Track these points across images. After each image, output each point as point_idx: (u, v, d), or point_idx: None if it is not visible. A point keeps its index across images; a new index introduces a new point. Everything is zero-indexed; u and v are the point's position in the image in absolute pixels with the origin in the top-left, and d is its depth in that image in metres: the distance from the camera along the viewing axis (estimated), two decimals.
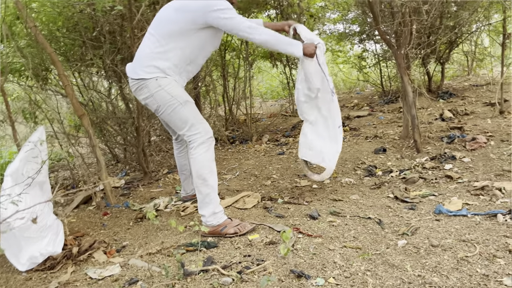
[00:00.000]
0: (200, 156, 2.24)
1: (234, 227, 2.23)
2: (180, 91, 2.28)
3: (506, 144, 3.38)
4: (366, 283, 1.61)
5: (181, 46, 2.24)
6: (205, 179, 2.24)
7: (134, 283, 1.82)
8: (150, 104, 2.30)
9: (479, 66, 7.44)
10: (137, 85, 2.27)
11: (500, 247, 1.77)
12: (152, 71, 2.22)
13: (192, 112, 2.29)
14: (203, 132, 2.27)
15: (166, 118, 2.33)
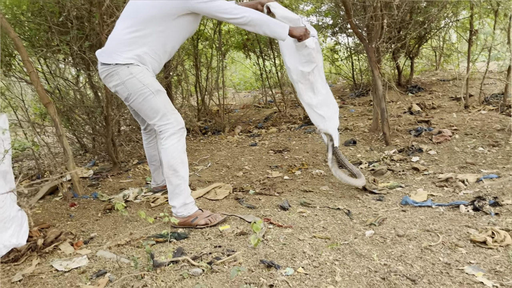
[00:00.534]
0: (171, 147, 2.19)
1: (205, 218, 2.22)
2: (152, 80, 2.22)
3: (470, 137, 3.51)
4: (334, 272, 1.64)
5: (158, 32, 2.18)
6: (176, 170, 2.20)
7: (102, 274, 1.78)
8: (121, 92, 2.24)
9: (446, 62, 7.65)
10: (107, 71, 2.20)
11: (462, 237, 1.84)
12: (129, 56, 2.16)
13: (164, 102, 2.23)
14: (175, 122, 2.22)
15: (136, 107, 2.26)
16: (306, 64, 2.51)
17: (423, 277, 1.56)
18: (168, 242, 2.03)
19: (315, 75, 2.57)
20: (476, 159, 2.95)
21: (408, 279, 1.55)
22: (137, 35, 2.17)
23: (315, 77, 2.58)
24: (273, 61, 5.91)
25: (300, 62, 2.51)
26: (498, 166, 2.73)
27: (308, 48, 2.41)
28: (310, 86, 2.60)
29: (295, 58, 2.53)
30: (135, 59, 2.18)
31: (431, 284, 1.52)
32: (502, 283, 1.48)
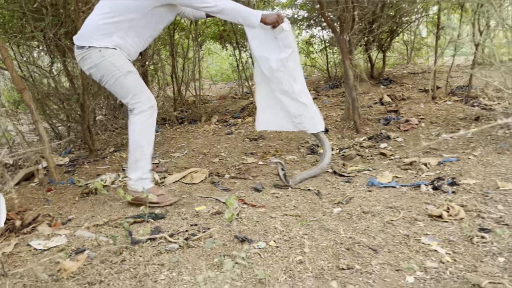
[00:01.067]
0: (140, 124, 2.30)
1: (158, 197, 2.31)
2: (123, 62, 2.30)
3: (434, 125, 3.70)
4: (303, 245, 1.76)
5: (134, 20, 2.26)
6: (140, 145, 2.32)
7: (81, 252, 1.84)
8: (94, 74, 2.33)
9: (416, 55, 7.91)
10: (82, 55, 2.29)
11: (421, 212, 1.99)
12: (103, 41, 2.24)
13: (135, 82, 2.33)
14: (146, 100, 2.32)
15: (110, 88, 2.37)
16: (284, 50, 2.48)
17: (384, 247, 1.70)
18: (146, 222, 2.10)
19: (293, 61, 2.56)
20: (439, 145, 3.12)
21: (370, 249, 1.68)
22: (112, 21, 2.25)
23: (294, 63, 2.57)
24: (250, 52, 5.99)
25: (278, 49, 2.49)
26: (459, 151, 2.91)
27: (285, 31, 2.44)
28: (290, 73, 2.55)
29: (272, 46, 2.51)
30: (110, 43, 2.26)
31: (390, 252, 1.65)
32: (454, 250, 1.63)
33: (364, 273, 1.52)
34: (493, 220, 1.83)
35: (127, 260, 1.74)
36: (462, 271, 1.48)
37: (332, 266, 1.59)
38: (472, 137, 3.18)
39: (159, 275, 1.60)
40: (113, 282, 1.58)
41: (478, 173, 2.40)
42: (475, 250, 1.61)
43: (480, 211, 1.92)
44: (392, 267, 1.55)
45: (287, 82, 2.56)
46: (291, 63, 2.53)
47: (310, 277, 1.52)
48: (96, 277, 1.61)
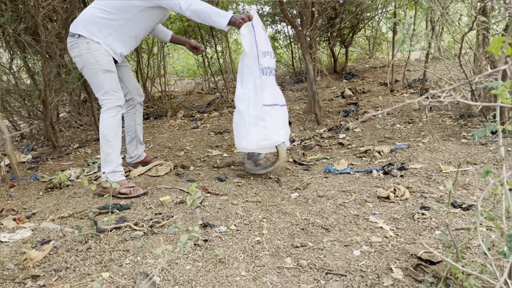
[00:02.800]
0: (106, 119, 2.45)
1: (127, 188, 2.43)
2: (105, 60, 2.44)
3: (390, 116, 3.91)
4: (262, 227, 1.88)
5: (126, 19, 2.43)
6: (108, 140, 2.46)
7: (47, 242, 1.89)
8: (77, 63, 2.48)
9: (378, 50, 8.20)
10: (71, 43, 2.44)
11: (371, 195, 2.15)
12: (93, 33, 2.40)
13: (110, 82, 2.47)
14: (114, 99, 2.48)
15: (88, 79, 2.51)
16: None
17: (335, 226, 1.84)
18: (111, 212, 2.16)
19: (242, 63, 2.47)
20: (394, 134, 3.32)
21: (323, 229, 1.82)
22: (105, 17, 2.41)
23: (242, 65, 2.47)
24: (215, 48, 6.06)
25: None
26: (410, 139, 3.11)
27: (241, 34, 2.38)
28: (239, 75, 2.50)
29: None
30: (99, 37, 2.42)
31: (341, 231, 1.79)
32: (398, 227, 1.79)
33: (316, 249, 1.65)
34: (434, 199, 2.01)
35: (93, 248, 1.80)
36: (403, 243, 1.64)
37: (287, 245, 1.71)
38: (423, 127, 3.40)
39: (124, 260, 1.68)
40: (79, 268, 1.64)
41: (424, 158, 2.59)
42: (415, 225, 1.78)
43: (424, 192, 2.09)
44: (342, 243, 1.69)
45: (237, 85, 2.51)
46: (240, 65, 2.47)
47: (266, 255, 1.64)
48: (62, 264, 1.67)
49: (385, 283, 1.39)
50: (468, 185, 2.12)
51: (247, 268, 1.56)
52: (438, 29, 4.60)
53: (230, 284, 1.46)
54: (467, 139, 2.89)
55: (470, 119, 3.32)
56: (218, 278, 1.50)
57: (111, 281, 1.53)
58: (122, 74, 2.73)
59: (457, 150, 2.67)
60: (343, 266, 1.52)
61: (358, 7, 6.20)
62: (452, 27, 3.37)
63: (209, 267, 1.58)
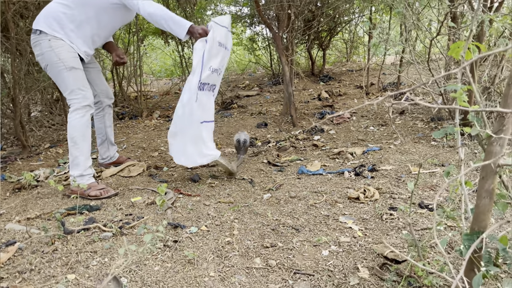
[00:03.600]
0: (74, 121, 2.37)
1: (97, 190, 2.38)
2: (69, 56, 2.35)
3: (364, 119, 3.97)
4: (233, 228, 1.87)
5: (89, 16, 2.37)
6: (76, 142, 2.38)
7: (12, 244, 1.84)
8: (40, 61, 2.39)
9: (355, 54, 8.32)
10: (33, 40, 2.36)
11: (341, 196, 2.17)
12: (56, 28, 2.32)
13: (75, 79, 2.37)
14: (81, 99, 2.38)
15: (53, 78, 2.42)
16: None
17: (306, 226, 1.85)
18: (79, 214, 2.12)
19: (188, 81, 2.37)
20: (367, 136, 3.37)
21: (293, 229, 1.83)
22: (67, 13, 2.34)
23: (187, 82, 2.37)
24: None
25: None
26: (383, 141, 3.16)
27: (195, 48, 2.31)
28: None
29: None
30: (60, 33, 2.34)
31: (311, 231, 1.81)
32: (366, 227, 1.82)
33: (286, 249, 1.66)
34: (402, 200, 2.05)
35: (59, 250, 1.76)
36: (370, 243, 1.66)
37: (257, 245, 1.71)
38: (395, 129, 3.46)
39: (91, 261, 1.65)
40: (44, 270, 1.60)
41: (395, 160, 2.64)
42: (383, 225, 1.81)
43: (393, 193, 2.14)
44: (311, 243, 1.70)
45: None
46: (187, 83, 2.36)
47: (236, 255, 1.64)
48: (27, 266, 1.63)
49: (352, 282, 1.41)
50: (435, 186, 2.18)
51: (216, 269, 1.55)
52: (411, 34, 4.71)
53: (199, 285, 1.46)
54: (436, 141, 2.96)
55: (440, 122, 3.40)
56: (187, 278, 1.49)
57: (77, 283, 1.50)
58: (90, 76, 2.62)
59: (426, 152, 2.73)
60: (311, 266, 1.53)
61: (335, 10, 6.30)
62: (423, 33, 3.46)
63: (178, 268, 1.57)
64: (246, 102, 5.46)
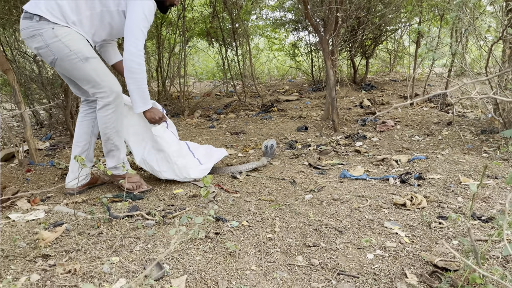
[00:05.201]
0: (104, 118, 2.17)
1: (131, 183, 2.31)
2: (80, 45, 2.04)
3: (409, 128, 3.85)
4: (274, 225, 1.85)
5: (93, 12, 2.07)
6: (110, 138, 2.24)
7: (59, 225, 1.90)
8: (45, 55, 2.05)
9: (399, 64, 8.14)
10: (30, 29, 1.96)
11: (386, 201, 2.11)
12: (54, 13, 1.97)
13: (95, 70, 2.09)
14: (108, 91, 2.12)
15: (66, 73, 2.13)
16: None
17: (349, 229, 1.80)
18: (124, 201, 2.16)
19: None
20: (412, 145, 3.27)
21: (336, 230, 1.79)
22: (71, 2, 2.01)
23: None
24: (236, 51, 6.08)
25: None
26: (429, 151, 3.05)
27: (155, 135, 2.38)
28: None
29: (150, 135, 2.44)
30: (67, 22, 2.01)
31: (355, 234, 1.76)
32: (413, 234, 1.75)
33: (329, 250, 1.62)
34: (452, 210, 1.96)
35: (104, 233, 1.80)
36: (418, 250, 1.60)
37: (299, 243, 1.68)
38: (442, 139, 3.34)
39: (135, 247, 1.67)
40: (89, 251, 1.64)
41: (443, 169, 2.54)
42: (432, 234, 1.73)
43: (441, 202, 2.05)
44: (355, 246, 1.65)
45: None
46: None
47: (278, 251, 1.62)
48: (73, 246, 1.67)
49: None
50: (488, 198, 2.07)
51: (257, 263, 1.53)
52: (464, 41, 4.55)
53: (240, 277, 1.44)
54: (488, 153, 2.83)
55: (491, 135, 3.25)
56: (228, 270, 1.49)
57: (121, 265, 1.52)
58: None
59: (477, 164, 2.61)
60: (356, 268, 1.49)
61: (382, 18, 6.19)
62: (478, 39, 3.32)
63: (219, 259, 1.56)
64: (286, 106, 5.44)
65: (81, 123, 2.37)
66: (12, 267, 1.52)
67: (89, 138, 2.37)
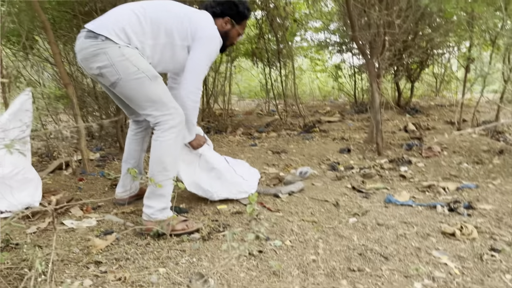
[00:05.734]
0: (167, 141, 1.96)
1: (182, 223, 2.00)
2: (147, 65, 1.96)
3: (457, 155, 3.73)
4: (317, 247, 1.84)
5: (156, 42, 2.02)
6: (166, 168, 1.97)
7: (110, 233, 1.98)
8: (108, 75, 1.92)
9: (445, 88, 7.92)
10: (96, 46, 1.88)
11: (434, 230, 2.04)
12: (122, 38, 1.91)
13: (163, 90, 2.00)
14: (175, 113, 1.98)
15: (128, 93, 1.97)
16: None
17: (395, 256, 1.76)
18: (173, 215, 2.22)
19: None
20: (460, 173, 3.16)
21: (381, 256, 1.75)
22: (137, 29, 1.95)
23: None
24: (279, 71, 6.17)
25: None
26: (479, 180, 2.94)
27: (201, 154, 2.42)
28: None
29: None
30: (128, 44, 1.93)
31: (401, 261, 1.72)
32: (463, 265, 1.68)
33: (374, 276, 1.59)
34: (505, 243, 1.87)
35: (151, 244, 1.86)
36: (469, 283, 1.54)
37: (343, 267, 1.67)
38: (493, 168, 3.21)
39: (181, 259, 1.72)
40: (138, 260, 1.70)
41: (495, 199, 2.44)
42: (484, 266, 1.66)
43: (493, 234, 1.96)
44: (401, 274, 1.61)
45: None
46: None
47: (322, 274, 1.61)
48: (123, 255, 1.74)
49: None
50: None
51: (301, 284, 1.53)
52: None
53: None
54: None
55: None
56: None
57: (167, 276, 1.57)
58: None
59: None
60: None
61: (429, 42, 6.09)
62: None
63: (263, 277, 1.58)
64: (328, 127, 5.43)
65: (131, 140, 2.43)
66: (67, 271, 1.60)
67: (139, 155, 2.45)
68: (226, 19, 2.25)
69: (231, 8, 2.24)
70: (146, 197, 2.01)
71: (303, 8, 6.49)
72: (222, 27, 2.24)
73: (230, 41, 2.32)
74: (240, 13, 2.27)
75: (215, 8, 2.23)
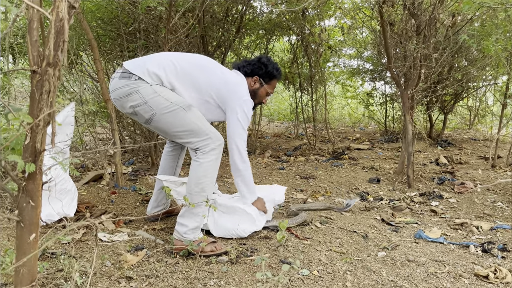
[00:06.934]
0: (207, 163, 2.01)
1: (211, 245, 2.02)
2: (179, 97, 2.03)
3: (491, 193, 3.63)
4: (345, 280, 1.83)
5: (186, 95, 2.09)
6: (204, 189, 2.01)
7: (140, 249, 2.03)
8: (142, 112, 1.99)
9: (480, 122, 7.74)
10: (128, 86, 1.96)
11: (467, 270, 1.99)
12: (154, 78, 2.00)
13: (198, 117, 2.05)
14: (214, 138, 2.03)
15: (164, 127, 2.03)
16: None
17: None
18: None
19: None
20: (494, 211, 3.07)
21: None
22: (172, 79, 2.05)
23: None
24: (310, 96, 6.21)
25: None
26: None
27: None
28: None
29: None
30: (160, 83, 2.02)
31: None
32: None
33: None
34: None
35: (180, 264, 1.89)
36: None
37: None
38: None
39: (209, 281, 1.73)
40: (167, 279, 1.73)
41: None
42: None
43: None
44: None
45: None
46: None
47: None
48: (153, 272, 1.78)
49: None
50: None
51: None
52: None
53: None
54: None
55: None
56: None
57: None
58: None
59: None
60: None
61: (465, 75, 6.00)
62: None
63: None
64: (357, 154, 5.39)
65: (167, 156, 2.51)
66: (99, 284, 1.65)
67: (174, 171, 2.52)
68: (255, 78, 2.36)
69: (260, 68, 2.35)
70: (181, 215, 2.05)
71: (337, 35, 6.56)
72: (251, 86, 2.35)
73: (258, 100, 2.41)
74: (269, 72, 2.37)
75: (246, 67, 2.35)
